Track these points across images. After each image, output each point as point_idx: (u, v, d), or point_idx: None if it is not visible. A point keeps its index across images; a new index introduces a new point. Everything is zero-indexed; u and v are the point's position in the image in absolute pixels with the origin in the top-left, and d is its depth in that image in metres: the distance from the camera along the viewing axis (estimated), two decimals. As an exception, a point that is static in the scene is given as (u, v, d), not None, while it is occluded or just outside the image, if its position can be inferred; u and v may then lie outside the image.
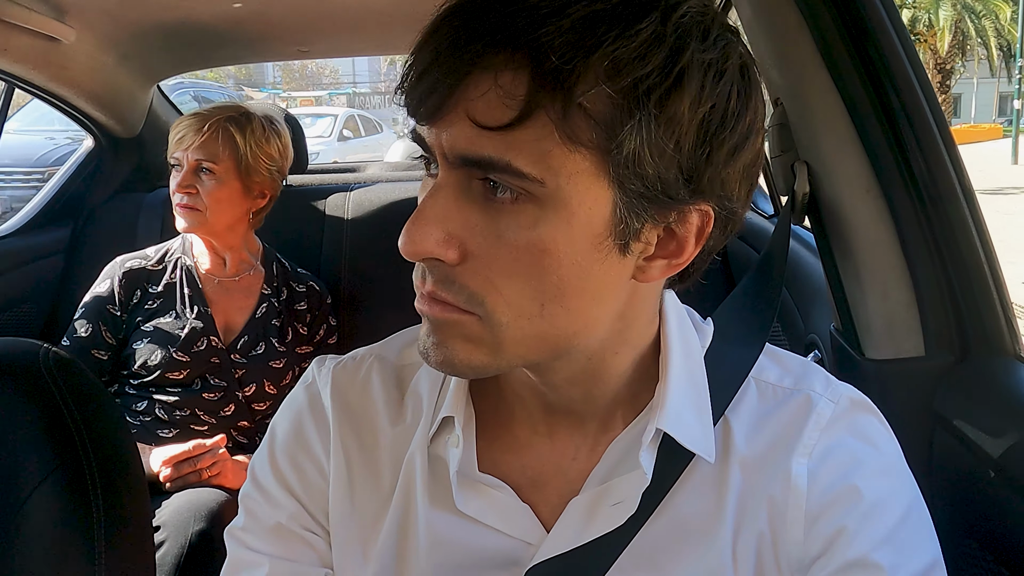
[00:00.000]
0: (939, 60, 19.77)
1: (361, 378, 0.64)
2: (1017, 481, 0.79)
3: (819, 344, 1.24)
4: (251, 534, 0.63)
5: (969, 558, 0.86)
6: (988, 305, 0.94)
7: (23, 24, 1.57)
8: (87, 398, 0.83)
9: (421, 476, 0.60)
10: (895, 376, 0.99)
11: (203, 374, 1.57)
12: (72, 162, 2.24)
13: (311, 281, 1.74)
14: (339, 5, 1.77)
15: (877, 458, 0.58)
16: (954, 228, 0.94)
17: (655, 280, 0.53)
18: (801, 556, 0.56)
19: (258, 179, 1.63)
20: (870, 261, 1.00)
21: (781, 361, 0.63)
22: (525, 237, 0.47)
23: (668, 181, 0.47)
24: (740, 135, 0.48)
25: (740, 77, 0.49)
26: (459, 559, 0.59)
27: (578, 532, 0.57)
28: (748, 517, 0.57)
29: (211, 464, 1.46)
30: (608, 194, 0.47)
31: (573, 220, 0.47)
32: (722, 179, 0.49)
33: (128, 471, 0.85)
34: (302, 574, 0.61)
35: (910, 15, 19.85)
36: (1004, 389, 0.91)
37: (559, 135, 0.45)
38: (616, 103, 0.45)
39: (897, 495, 0.58)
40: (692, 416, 0.57)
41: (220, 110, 1.63)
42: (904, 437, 0.60)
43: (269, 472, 0.63)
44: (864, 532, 0.55)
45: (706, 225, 0.51)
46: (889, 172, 0.96)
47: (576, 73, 0.44)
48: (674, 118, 0.45)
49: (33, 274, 2.00)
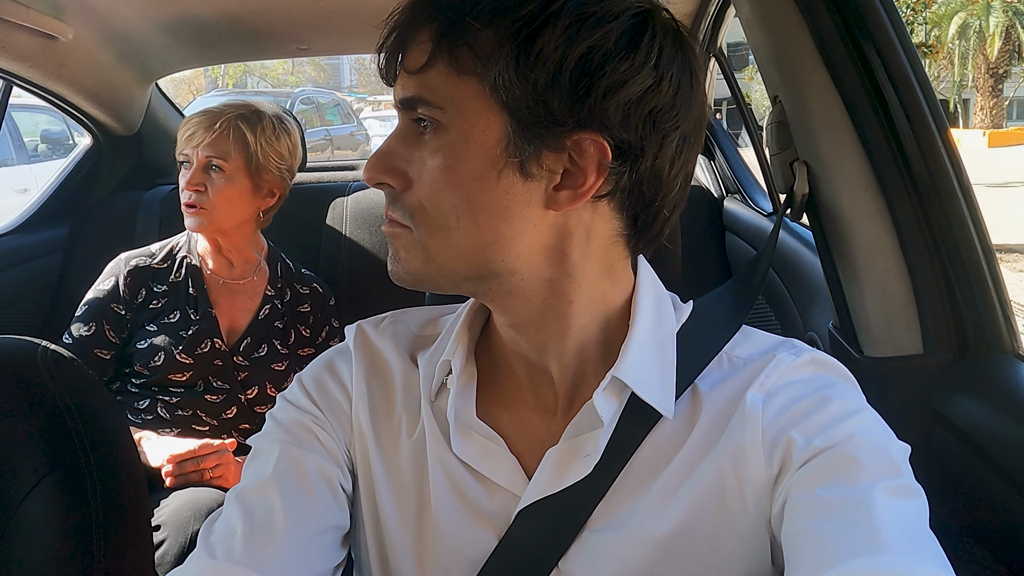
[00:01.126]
0: (991, 65, 20.27)
1: (381, 331, 0.74)
2: (1015, 478, 0.79)
3: (818, 342, 1.25)
4: (269, 435, 0.69)
5: (967, 555, 0.86)
6: (986, 303, 0.94)
7: (21, 22, 1.56)
8: (86, 396, 0.83)
9: (425, 419, 0.68)
10: (894, 374, 0.99)
11: (206, 376, 1.56)
12: (71, 160, 2.24)
13: (315, 283, 1.73)
14: (338, 3, 1.77)
15: (834, 387, 0.62)
16: (952, 226, 0.94)
17: (564, 208, 0.59)
18: (765, 479, 0.59)
19: (268, 177, 1.62)
20: (869, 259, 1.00)
21: (755, 340, 0.69)
22: (436, 160, 0.59)
23: (552, 109, 0.56)
24: (621, 74, 0.56)
25: (630, 27, 0.57)
26: (454, 504, 0.66)
27: (553, 480, 0.63)
28: (707, 454, 0.61)
29: (215, 465, 1.45)
30: (499, 119, 0.57)
31: (469, 141, 0.58)
32: (604, 110, 0.56)
33: (127, 470, 0.85)
34: (314, 462, 0.67)
35: (960, 21, 20.35)
36: (1002, 386, 0.91)
37: (452, 69, 0.57)
38: (494, 41, 0.56)
39: (856, 415, 0.60)
40: (655, 377, 0.63)
41: (231, 107, 1.61)
42: (902, 435, 0.61)
43: (296, 388, 0.72)
44: (813, 430, 0.59)
45: (604, 156, 0.58)
46: (888, 170, 0.96)
47: (464, 21, 0.56)
48: (542, 54, 0.55)
49: (31, 272, 2.00)
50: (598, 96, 0.56)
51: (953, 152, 0.94)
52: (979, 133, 18.42)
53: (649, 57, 0.57)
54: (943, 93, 23.21)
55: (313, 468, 0.66)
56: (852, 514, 0.53)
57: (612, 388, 0.63)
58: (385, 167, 0.61)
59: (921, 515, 0.55)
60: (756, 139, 1.90)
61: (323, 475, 0.67)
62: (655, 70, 0.57)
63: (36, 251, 2.04)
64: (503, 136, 0.57)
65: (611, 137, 0.57)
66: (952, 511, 0.89)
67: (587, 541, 0.62)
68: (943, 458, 0.93)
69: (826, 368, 0.65)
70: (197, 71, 25.57)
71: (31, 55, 1.72)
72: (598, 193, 0.59)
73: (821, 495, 0.55)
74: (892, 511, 0.53)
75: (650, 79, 0.57)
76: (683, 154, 0.61)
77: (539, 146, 0.57)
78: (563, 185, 0.59)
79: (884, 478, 0.55)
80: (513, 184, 0.58)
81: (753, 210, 1.92)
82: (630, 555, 0.61)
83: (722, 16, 1.81)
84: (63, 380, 0.82)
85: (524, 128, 0.57)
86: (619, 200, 0.61)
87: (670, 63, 0.58)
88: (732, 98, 1.97)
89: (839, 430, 0.58)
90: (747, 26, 1.11)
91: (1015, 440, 0.81)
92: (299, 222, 2.02)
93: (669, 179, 0.61)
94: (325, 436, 0.69)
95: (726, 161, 2.14)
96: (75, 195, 2.17)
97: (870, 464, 0.56)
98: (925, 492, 0.57)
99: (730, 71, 1.99)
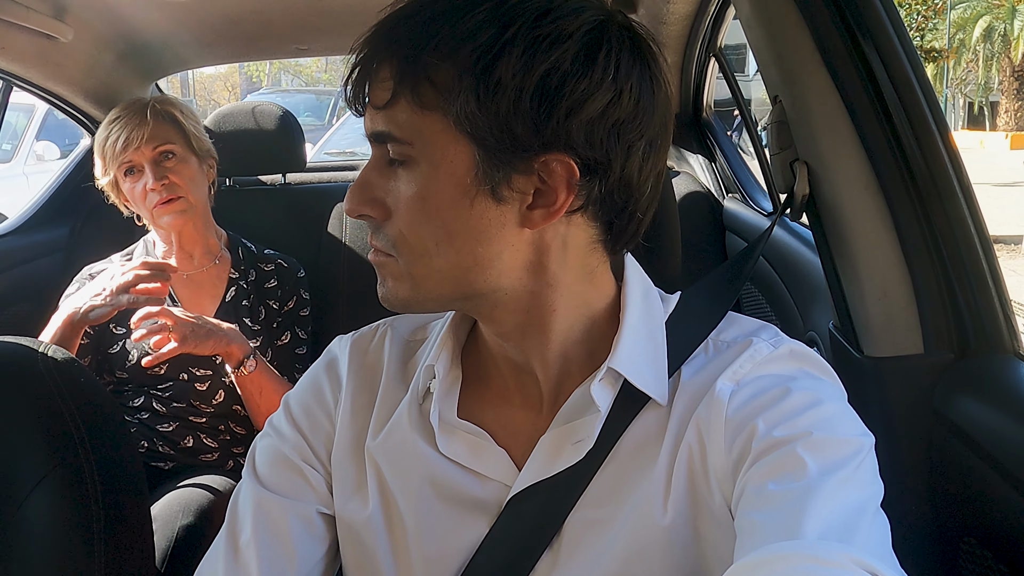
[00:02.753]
0: (1015, 68, 20.47)
1: (375, 340, 0.77)
2: (1016, 478, 0.79)
3: (818, 342, 1.25)
4: (247, 485, 0.73)
5: (968, 554, 0.86)
6: (987, 302, 0.94)
7: (21, 23, 1.56)
8: (85, 397, 0.83)
9: (412, 423, 0.70)
10: (894, 374, 0.99)
11: (186, 367, 1.57)
12: (71, 160, 2.24)
13: (279, 259, 1.74)
14: (338, 3, 1.77)
15: (798, 380, 0.63)
16: (952, 226, 0.94)
17: (539, 226, 0.61)
18: (725, 465, 0.61)
19: (204, 148, 1.64)
20: (869, 259, 1.00)
21: (740, 325, 0.70)
22: (411, 190, 0.60)
23: (517, 135, 0.57)
24: (580, 93, 0.57)
25: (585, 44, 0.57)
26: (444, 500, 0.68)
27: (545, 466, 0.65)
28: (681, 436, 0.64)
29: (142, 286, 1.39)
30: (467, 148, 0.59)
31: (440, 171, 0.59)
32: (567, 131, 0.57)
33: (127, 470, 0.85)
34: (290, 510, 0.70)
35: (985, 24, 20.49)
36: (1003, 386, 0.91)
37: (415, 105, 0.58)
38: (453, 74, 0.57)
39: (817, 407, 0.60)
40: (647, 365, 0.65)
41: (137, 101, 1.61)
42: (903, 434, 0.61)
43: (282, 414, 0.75)
44: (774, 420, 0.59)
45: (572, 175, 0.59)
46: (888, 170, 0.96)
47: (422, 58, 0.57)
48: (500, 83, 0.56)
49: (32, 273, 2.00)
50: (560, 118, 0.57)
51: (953, 152, 0.94)
52: (1002, 135, 18.51)
53: (607, 72, 0.58)
54: (970, 96, 23.31)
55: (291, 519, 0.70)
56: (790, 506, 0.54)
57: (607, 378, 0.65)
58: (364, 199, 0.63)
59: (865, 506, 0.56)
60: (756, 139, 1.90)
61: (301, 519, 0.71)
62: (614, 83, 0.58)
63: (37, 251, 2.04)
64: (472, 165, 0.59)
65: (577, 156, 0.59)
66: (953, 511, 0.89)
67: (577, 523, 0.64)
68: (944, 458, 0.93)
69: (802, 361, 0.66)
70: (232, 67, 25.71)
71: (31, 56, 1.72)
72: (570, 208, 0.61)
73: (770, 489, 0.56)
74: (831, 502, 0.54)
75: (610, 93, 0.58)
76: (651, 159, 0.62)
77: (508, 171, 0.59)
78: (536, 204, 0.60)
79: (834, 470, 0.56)
80: (487, 209, 0.60)
81: (754, 210, 1.92)
82: (619, 536, 0.63)
83: (722, 16, 1.81)
84: (63, 381, 0.82)
85: (492, 155, 0.58)
86: (592, 211, 0.62)
87: (629, 73, 0.59)
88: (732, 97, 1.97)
89: (799, 422, 0.59)
90: (747, 26, 1.11)
91: (1016, 440, 0.81)
92: (299, 222, 2.02)
93: (639, 184, 0.62)
94: (308, 468, 0.72)
95: (726, 161, 2.14)
96: (76, 195, 2.17)
97: (822, 458, 0.57)
98: (926, 492, 0.57)
99: (730, 71, 1.99)
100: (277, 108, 2.04)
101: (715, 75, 2.10)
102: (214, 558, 0.70)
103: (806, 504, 0.53)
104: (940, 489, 0.92)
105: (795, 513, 0.53)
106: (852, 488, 0.56)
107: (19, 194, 5.54)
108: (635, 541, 0.62)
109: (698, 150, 2.24)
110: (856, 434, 0.60)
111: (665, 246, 1.00)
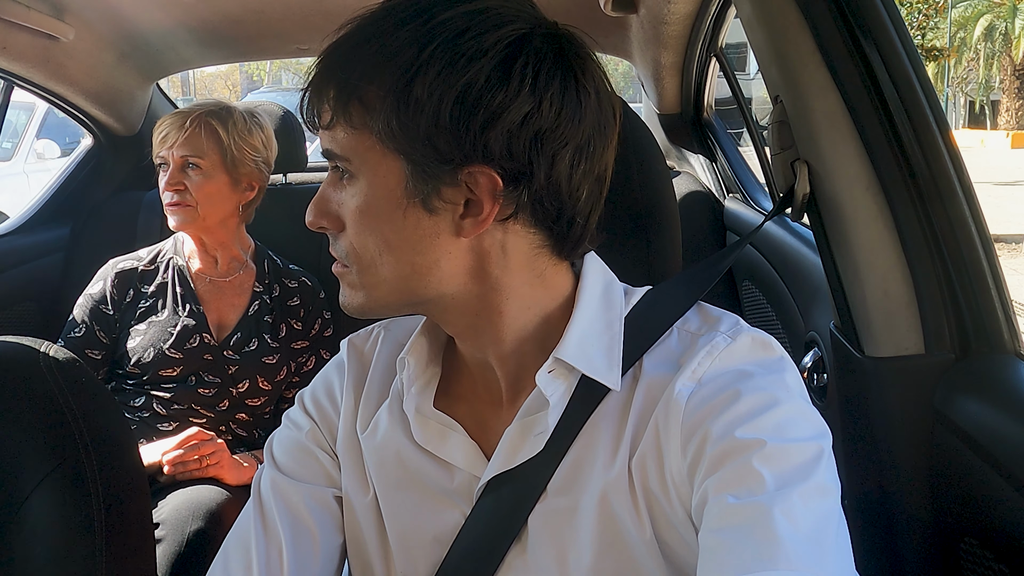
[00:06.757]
0: (1016, 67, 20.52)
1: (370, 340, 0.81)
2: (1017, 478, 0.79)
3: (819, 342, 1.24)
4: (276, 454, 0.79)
5: (969, 555, 0.86)
6: (987, 302, 0.95)
7: (22, 22, 1.57)
8: (87, 396, 0.83)
9: (392, 415, 0.75)
10: (895, 373, 0.99)
11: (196, 371, 1.58)
12: (72, 160, 2.24)
13: (303, 277, 1.76)
14: (338, 3, 1.77)
15: (759, 379, 0.63)
16: (953, 225, 0.94)
17: (473, 234, 0.63)
18: (681, 468, 0.62)
19: (245, 171, 1.64)
20: (870, 258, 1.00)
21: (707, 315, 0.72)
22: (354, 203, 0.64)
23: (439, 149, 0.60)
24: (496, 106, 0.59)
25: (502, 59, 0.59)
26: (418, 489, 0.72)
27: (509, 458, 0.68)
28: (640, 435, 0.65)
29: (211, 453, 1.48)
30: (396, 163, 0.62)
31: (375, 186, 0.63)
32: (485, 143, 0.60)
33: (128, 469, 0.85)
34: (307, 493, 0.75)
35: (987, 23, 20.53)
36: (1004, 386, 0.91)
37: (348, 125, 0.62)
38: (378, 95, 0.61)
39: (772, 409, 0.60)
40: (600, 355, 0.67)
41: (200, 107, 1.64)
42: (904, 434, 0.61)
43: (298, 408, 0.81)
44: (727, 422, 0.60)
45: (495, 185, 0.61)
46: (888, 169, 0.96)
47: (351, 82, 0.61)
48: (419, 100, 0.59)
49: (33, 272, 2.00)
50: (477, 131, 0.59)
51: (954, 151, 0.94)
52: (1003, 134, 18.49)
53: (523, 84, 0.60)
54: (971, 95, 23.28)
55: (308, 501, 0.75)
56: (755, 524, 0.54)
57: (559, 370, 0.67)
58: (321, 212, 0.67)
59: (830, 516, 0.57)
60: (757, 138, 1.90)
61: (318, 502, 0.76)
62: (532, 95, 0.60)
63: (37, 251, 2.04)
64: (402, 178, 0.62)
65: (499, 166, 0.61)
66: (953, 511, 0.89)
67: (543, 513, 0.67)
68: (944, 458, 0.93)
69: (760, 351, 0.66)
70: (233, 65, 25.68)
71: (32, 56, 1.72)
72: (501, 216, 0.63)
73: (730, 503, 0.56)
74: (799, 517, 0.54)
75: (528, 104, 0.60)
76: (580, 166, 0.63)
77: (436, 183, 0.62)
78: (467, 214, 0.63)
79: (794, 481, 0.56)
80: (420, 220, 0.63)
81: (755, 210, 1.92)
82: (585, 525, 0.65)
83: (722, 16, 1.81)
84: (65, 381, 0.82)
85: (419, 169, 0.61)
86: (525, 218, 0.64)
87: (548, 84, 0.60)
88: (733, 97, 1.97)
89: (752, 426, 0.59)
90: (748, 26, 1.11)
91: (1016, 440, 0.81)
92: (300, 222, 2.01)
93: (571, 191, 0.64)
94: (320, 452, 0.77)
95: (727, 161, 2.14)
96: (76, 195, 2.17)
97: (779, 471, 0.57)
98: (925, 492, 0.57)
99: (730, 71, 1.99)
100: (278, 108, 2.04)
101: (716, 75, 2.10)
102: (244, 527, 0.75)
103: (773, 522, 0.54)
104: (940, 489, 0.92)
105: (764, 533, 0.54)
106: (812, 501, 0.56)
107: (19, 193, 5.54)
108: (605, 532, 0.65)
109: (699, 150, 2.24)
110: (812, 436, 0.61)
111: (665, 246, 1.00)
